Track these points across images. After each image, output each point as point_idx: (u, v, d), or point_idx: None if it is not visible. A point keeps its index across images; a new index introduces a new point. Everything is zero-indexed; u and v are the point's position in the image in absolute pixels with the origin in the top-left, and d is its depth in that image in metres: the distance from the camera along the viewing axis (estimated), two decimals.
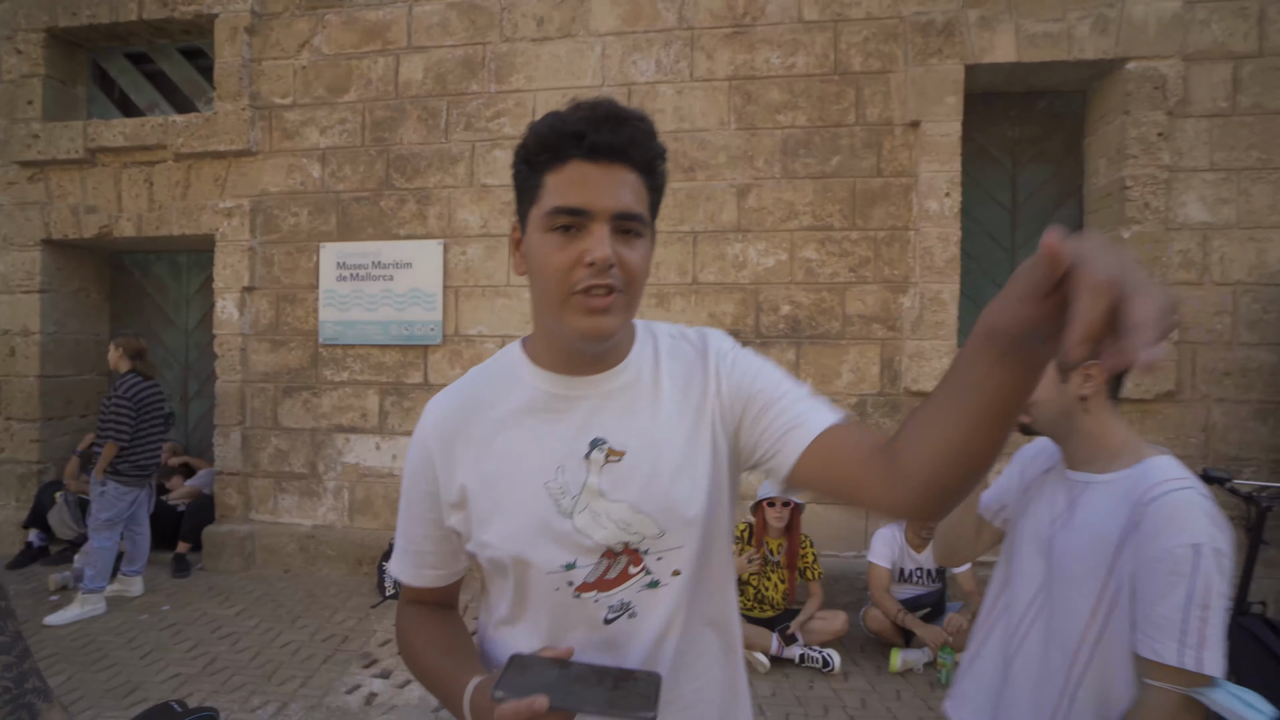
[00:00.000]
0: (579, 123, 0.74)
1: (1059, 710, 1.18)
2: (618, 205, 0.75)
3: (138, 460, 4.15)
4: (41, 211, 5.19)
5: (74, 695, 3.09)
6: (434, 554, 0.90)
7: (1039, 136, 4.46)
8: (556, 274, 0.76)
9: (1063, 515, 1.24)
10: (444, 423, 0.87)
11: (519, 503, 0.82)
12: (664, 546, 0.82)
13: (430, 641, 0.89)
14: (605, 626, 0.82)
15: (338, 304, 4.79)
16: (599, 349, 0.82)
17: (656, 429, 0.84)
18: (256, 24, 4.90)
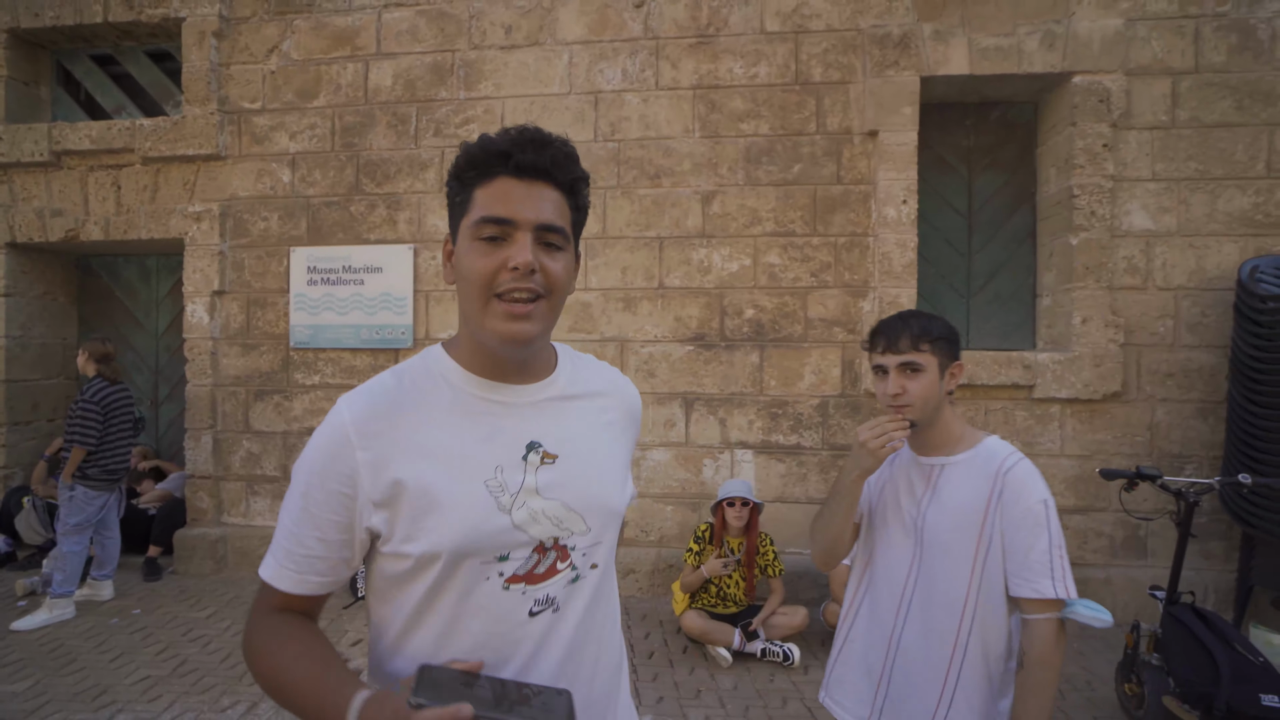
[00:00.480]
0: (506, 143, 0.84)
1: (954, 663, 1.38)
2: (539, 217, 0.83)
3: (106, 464, 4.16)
4: (5, 214, 5.15)
5: (42, 699, 3.12)
6: (324, 560, 0.86)
7: (993, 145, 4.62)
8: (482, 277, 0.83)
9: (927, 495, 1.45)
10: (368, 421, 0.85)
11: (459, 499, 0.84)
12: (588, 542, 0.92)
13: (303, 651, 0.83)
14: (529, 620, 0.86)
15: (309, 308, 4.82)
16: (520, 354, 0.89)
17: (584, 437, 0.94)
18: (225, 28, 4.90)
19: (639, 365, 4.50)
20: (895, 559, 1.48)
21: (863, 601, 1.54)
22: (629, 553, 4.46)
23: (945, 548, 1.40)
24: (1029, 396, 4.18)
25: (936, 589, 1.40)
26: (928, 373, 1.41)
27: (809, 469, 4.38)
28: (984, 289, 4.64)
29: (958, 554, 1.38)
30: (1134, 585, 4.06)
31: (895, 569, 1.48)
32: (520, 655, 0.86)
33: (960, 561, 1.38)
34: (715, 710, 3.11)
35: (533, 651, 0.87)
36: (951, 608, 1.38)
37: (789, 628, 3.65)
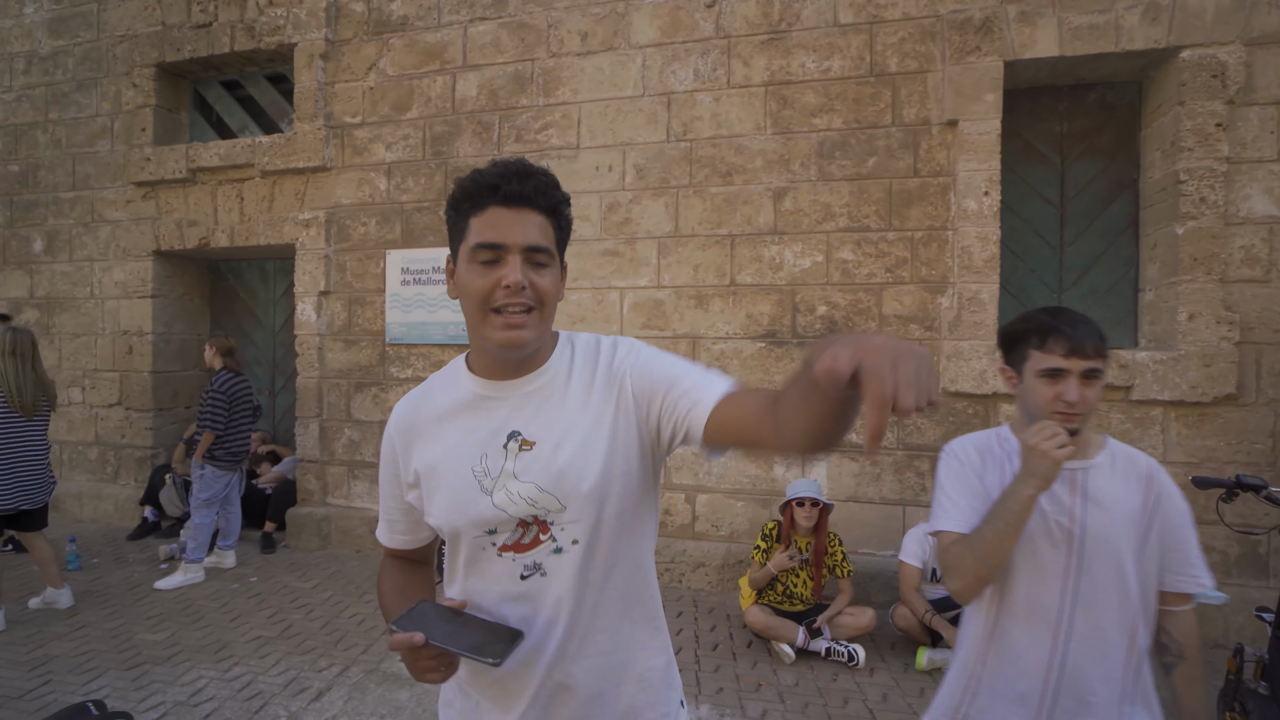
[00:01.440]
0: (495, 177, 0.97)
1: (1129, 668, 1.34)
2: (527, 240, 0.96)
3: (230, 447, 4.67)
4: (153, 226, 5.85)
5: (176, 649, 3.57)
6: (402, 523, 1.15)
7: (1089, 130, 4.32)
8: (480, 295, 0.96)
9: (1078, 502, 1.36)
10: (402, 420, 1.11)
11: (452, 483, 1.02)
12: (565, 520, 1.00)
13: (392, 586, 1.14)
14: (521, 581, 1.01)
15: (402, 306, 5.19)
16: (517, 356, 1.02)
17: (562, 421, 1.02)
18: (330, 50, 5.35)
19: (710, 362, 4.55)
20: (1044, 576, 1.35)
21: (997, 627, 1.39)
22: (699, 546, 4.53)
23: (1115, 554, 1.33)
24: (1126, 398, 3.90)
25: (1108, 599, 1.33)
26: (1103, 380, 1.34)
27: (883, 469, 4.28)
28: (1077, 283, 4.36)
29: (1127, 559, 1.33)
30: (1250, 606, 3.70)
31: (1046, 587, 1.35)
32: (522, 608, 1.02)
33: (1131, 566, 1.33)
34: (774, 705, 3.13)
35: (532, 607, 1.01)
36: (1126, 615, 1.33)
37: (855, 628, 3.61)
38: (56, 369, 6.16)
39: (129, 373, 5.94)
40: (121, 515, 5.87)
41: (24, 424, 3.89)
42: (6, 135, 6.33)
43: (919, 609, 3.52)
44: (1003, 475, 1.41)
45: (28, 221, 6.27)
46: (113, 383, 6.01)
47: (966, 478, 1.43)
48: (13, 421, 3.85)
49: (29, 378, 3.88)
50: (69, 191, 6.14)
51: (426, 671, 0.92)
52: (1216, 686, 3.05)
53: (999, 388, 4.02)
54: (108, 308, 6.03)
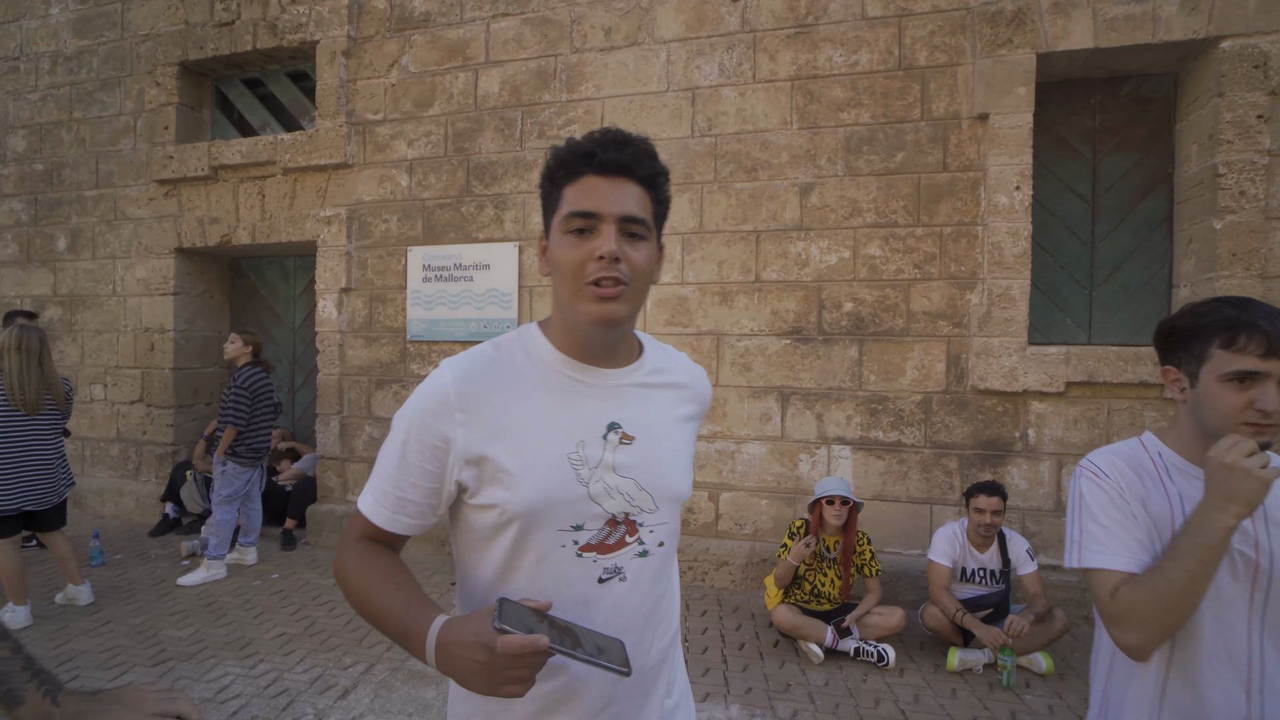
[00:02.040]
0: (591, 144, 0.91)
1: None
2: (623, 210, 0.90)
3: (252, 444, 4.67)
4: (175, 223, 5.87)
5: (200, 645, 3.56)
6: (416, 505, 0.95)
7: (1123, 123, 4.25)
8: (572, 267, 0.90)
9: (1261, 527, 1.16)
10: (468, 384, 0.94)
11: (543, 468, 0.92)
12: (655, 521, 0.98)
13: (387, 575, 0.93)
14: (598, 585, 0.94)
15: (423, 303, 5.18)
16: (609, 335, 0.96)
17: (660, 425, 1.02)
18: (352, 47, 5.35)
19: (734, 359, 4.51)
20: (1229, 617, 1.13)
21: (1171, 683, 1.16)
22: (722, 545, 4.48)
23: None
24: (1160, 396, 3.83)
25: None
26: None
27: (910, 467, 4.22)
28: (1110, 279, 4.28)
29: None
30: None
31: (1232, 631, 1.13)
32: (588, 618, 0.93)
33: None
34: (804, 705, 3.08)
35: (601, 615, 0.94)
36: None
37: (885, 628, 3.55)
38: (79, 366, 6.19)
39: (150, 369, 5.97)
40: (143, 511, 5.89)
41: (26, 422, 3.77)
42: (32, 134, 6.38)
43: (950, 608, 3.46)
44: (1168, 499, 1.17)
45: (52, 220, 6.31)
46: (134, 380, 6.03)
47: (1126, 503, 1.17)
48: (14, 420, 3.73)
49: (33, 375, 3.75)
50: (92, 190, 6.18)
51: (513, 682, 0.79)
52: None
53: (1029, 385, 3.96)
54: (130, 305, 6.06)
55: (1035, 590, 3.44)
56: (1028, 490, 4.03)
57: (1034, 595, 3.44)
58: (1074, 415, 3.97)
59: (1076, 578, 3.93)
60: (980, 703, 3.10)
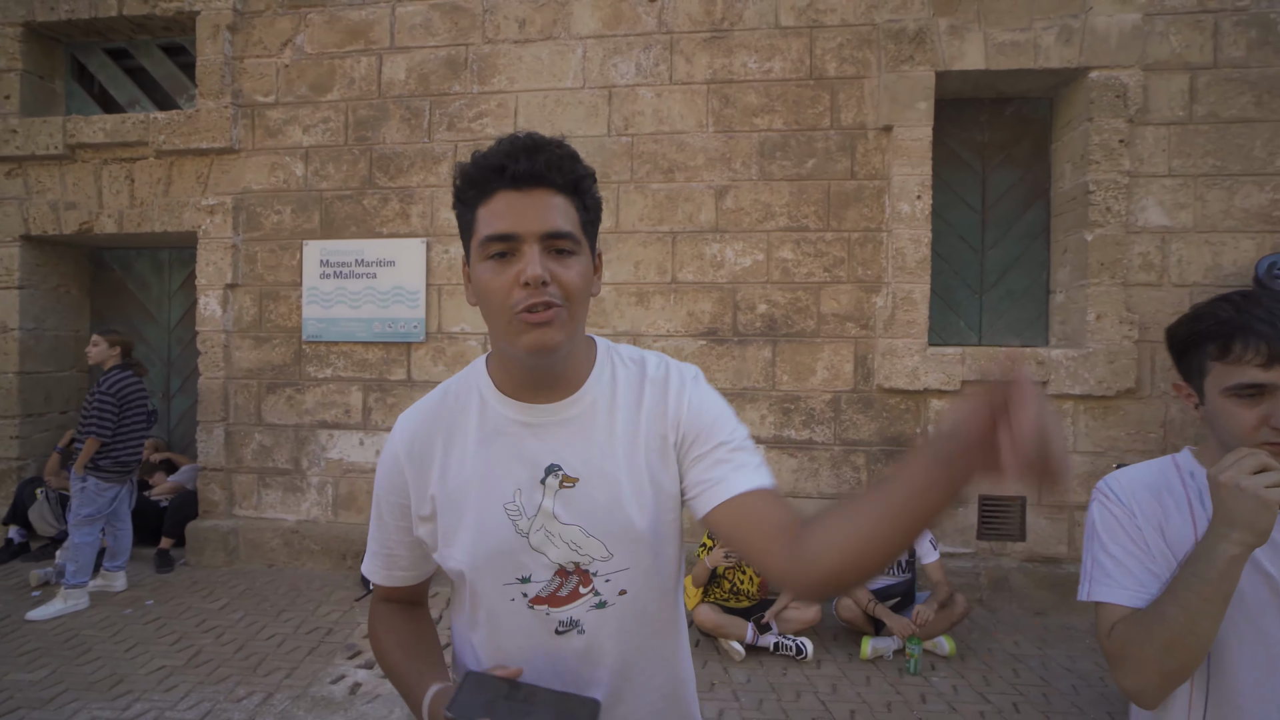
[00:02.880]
0: (499, 156, 0.80)
1: None
2: (544, 226, 0.79)
3: (119, 456, 4.17)
4: (20, 207, 5.17)
5: (59, 688, 3.13)
6: (405, 558, 0.97)
7: (1008, 141, 4.60)
8: (497, 297, 0.80)
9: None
10: (413, 440, 0.93)
11: (479, 521, 0.87)
12: (612, 569, 0.88)
13: (398, 641, 0.96)
14: (556, 637, 0.88)
15: (321, 301, 4.83)
16: (548, 363, 0.85)
17: (608, 457, 0.88)
18: (239, 21, 4.91)
19: None
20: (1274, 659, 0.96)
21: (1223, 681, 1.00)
22: None
23: None
24: (1043, 393, 4.16)
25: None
26: None
27: (821, 464, 4.37)
28: (997, 285, 4.62)
29: None
30: None
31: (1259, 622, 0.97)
32: (558, 668, 0.88)
33: None
34: (729, 703, 3.10)
35: (570, 666, 0.88)
36: None
37: (801, 622, 3.65)
38: None
39: None
40: None
41: None
42: None
43: (862, 599, 3.61)
44: (1193, 525, 1.02)
45: None
46: None
47: (1138, 529, 1.03)
48: None
49: None
50: None
51: None
52: None
53: (930, 384, 4.20)
54: None
55: (938, 578, 3.65)
56: None
57: (937, 583, 3.64)
58: None
59: (972, 564, 4.21)
60: (893, 688, 3.25)
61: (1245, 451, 0.90)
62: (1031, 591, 4.14)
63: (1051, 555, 4.21)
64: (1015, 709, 3.05)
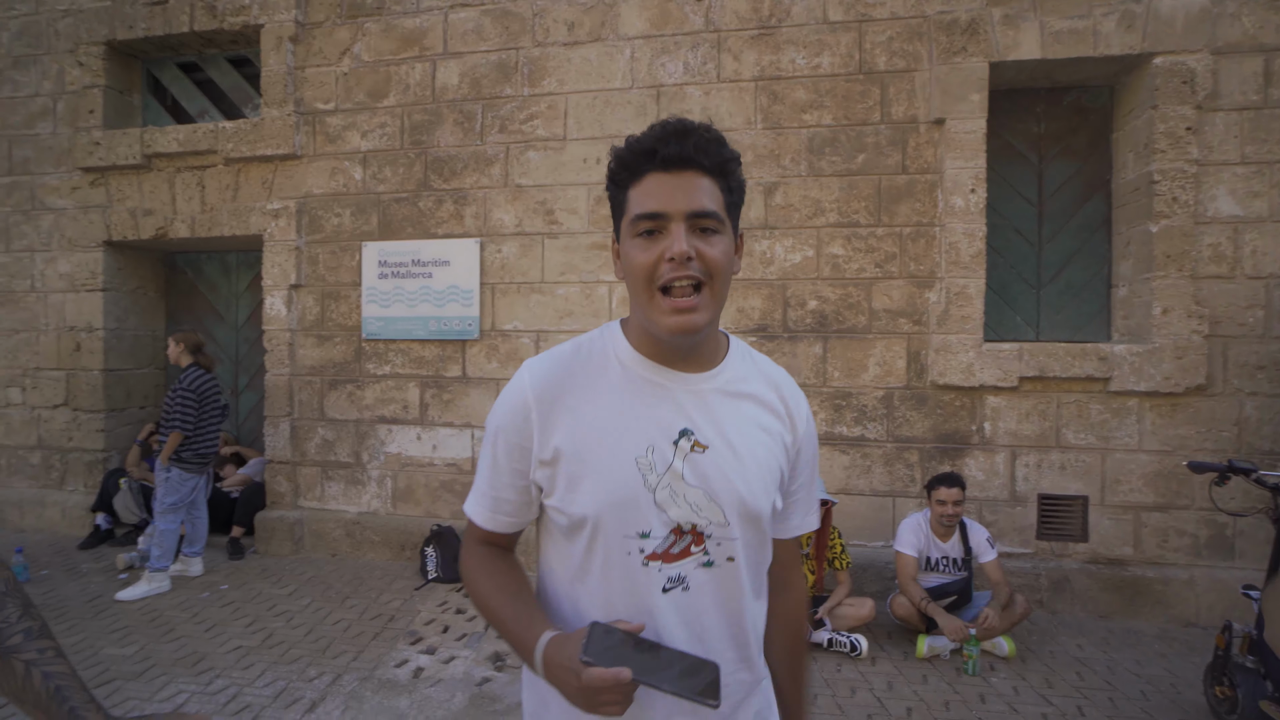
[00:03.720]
0: (651, 140, 0.87)
1: None
2: (690, 205, 0.86)
3: (199, 449, 4.41)
4: (103, 214, 5.49)
5: (148, 663, 3.35)
6: (512, 503, 0.99)
7: (1065, 132, 4.48)
8: (644, 270, 0.87)
9: None
10: (545, 385, 0.95)
11: (609, 470, 0.91)
12: (725, 535, 0.93)
13: (500, 585, 0.98)
14: (661, 595, 0.92)
15: (380, 300, 5.00)
16: (688, 343, 0.92)
17: (737, 434, 0.95)
18: (300, 33, 5.12)
19: None
20: None
21: None
22: None
23: None
24: (1104, 389, 4.06)
25: None
26: None
27: (873, 461, 4.34)
28: (1055, 279, 4.51)
29: None
30: (1219, 587, 3.91)
31: None
32: (655, 628, 0.92)
33: None
34: None
35: (664, 626, 0.92)
36: None
37: (856, 619, 3.65)
38: None
39: (76, 371, 5.56)
40: (69, 523, 5.48)
41: None
42: None
43: (917, 597, 3.58)
44: None
45: None
46: (58, 382, 5.61)
47: None
48: None
49: None
50: (5, 176, 5.71)
51: (607, 705, 0.80)
52: (1201, 663, 3.19)
53: (985, 380, 4.13)
54: (51, 301, 5.63)
55: (997, 578, 3.59)
56: (984, 481, 4.21)
57: (996, 583, 3.59)
58: (1026, 409, 4.16)
59: (1031, 564, 4.12)
60: (950, 687, 3.22)
61: None
62: (1096, 594, 4.04)
63: (1116, 557, 4.10)
64: (1080, 712, 2.99)
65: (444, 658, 3.43)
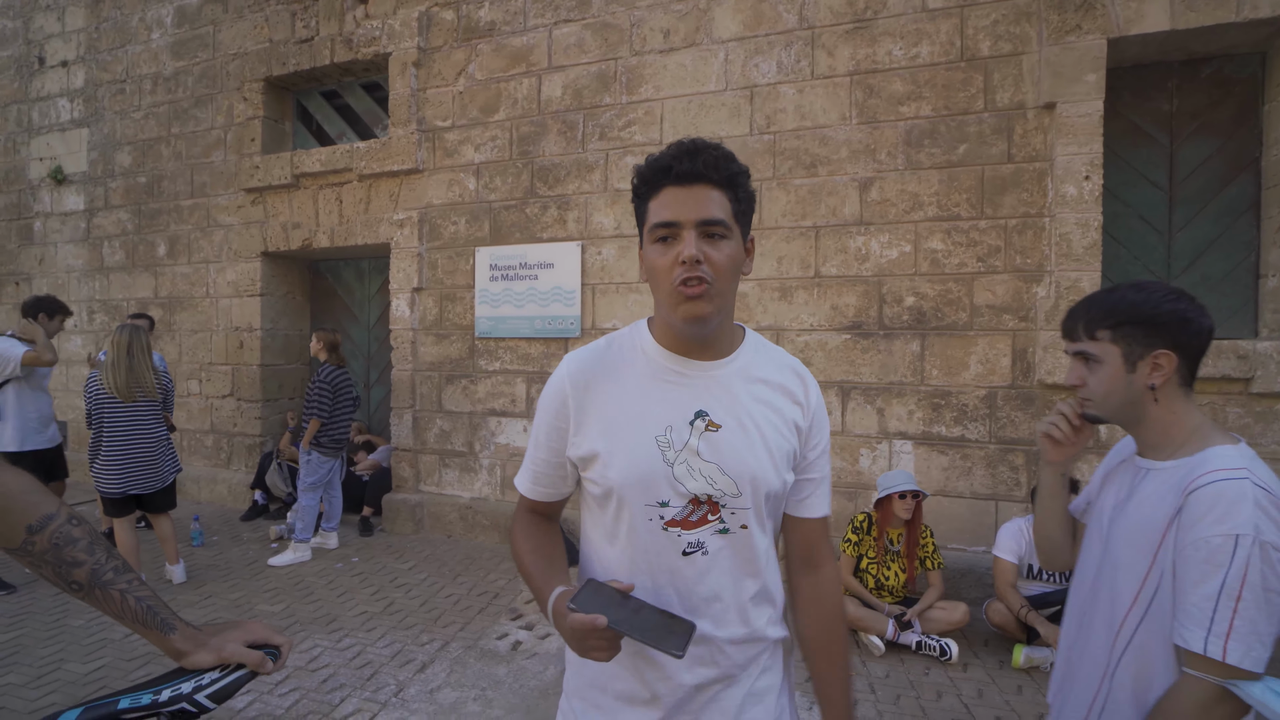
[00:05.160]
0: (667, 159, 1.00)
1: (1100, 690, 1.24)
2: (700, 214, 0.98)
3: (334, 434, 4.98)
4: (260, 229, 6.28)
5: (291, 620, 3.85)
6: (549, 477, 1.16)
7: (1203, 108, 4.08)
8: (661, 273, 1.01)
9: (1121, 501, 1.27)
10: (580, 373, 1.11)
11: (633, 448, 1.05)
12: (738, 505, 1.05)
13: (534, 547, 1.16)
14: (683, 558, 1.05)
15: (491, 302, 5.40)
16: (700, 331, 1.03)
17: (748, 415, 1.07)
18: (422, 58, 5.61)
19: (794, 354, 4.51)
20: (1086, 565, 1.33)
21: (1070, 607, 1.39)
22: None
23: (1119, 563, 1.22)
24: (1245, 391, 3.67)
25: (1102, 605, 1.25)
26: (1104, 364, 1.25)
27: (974, 463, 4.17)
28: (1188, 270, 4.12)
29: (1128, 572, 1.20)
30: None
31: (1084, 576, 1.34)
32: (677, 583, 1.06)
33: (1129, 581, 1.19)
34: (864, 695, 3.11)
35: (686, 583, 1.05)
36: (1108, 629, 1.23)
37: (947, 623, 3.54)
38: (177, 363, 6.69)
39: (240, 366, 6.40)
40: (234, 498, 6.33)
41: (125, 410, 4.09)
42: (135, 150, 6.93)
43: (1014, 604, 3.42)
44: None
45: (153, 228, 6.84)
46: (226, 375, 6.48)
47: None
48: (115, 408, 4.09)
49: (122, 366, 4.07)
50: (188, 199, 6.67)
51: (594, 650, 0.93)
52: None
53: None
54: (221, 306, 6.51)
55: None
56: None
57: None
58: None
59: None
60: (1046, 700, 3.06)
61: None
62: None
63: None
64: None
65: (541, 634, 3.69)
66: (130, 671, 3.27)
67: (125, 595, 0.94)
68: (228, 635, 0.97)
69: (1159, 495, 1.17)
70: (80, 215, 7.26)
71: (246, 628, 1.00)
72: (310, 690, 3.10)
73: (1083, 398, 1.28)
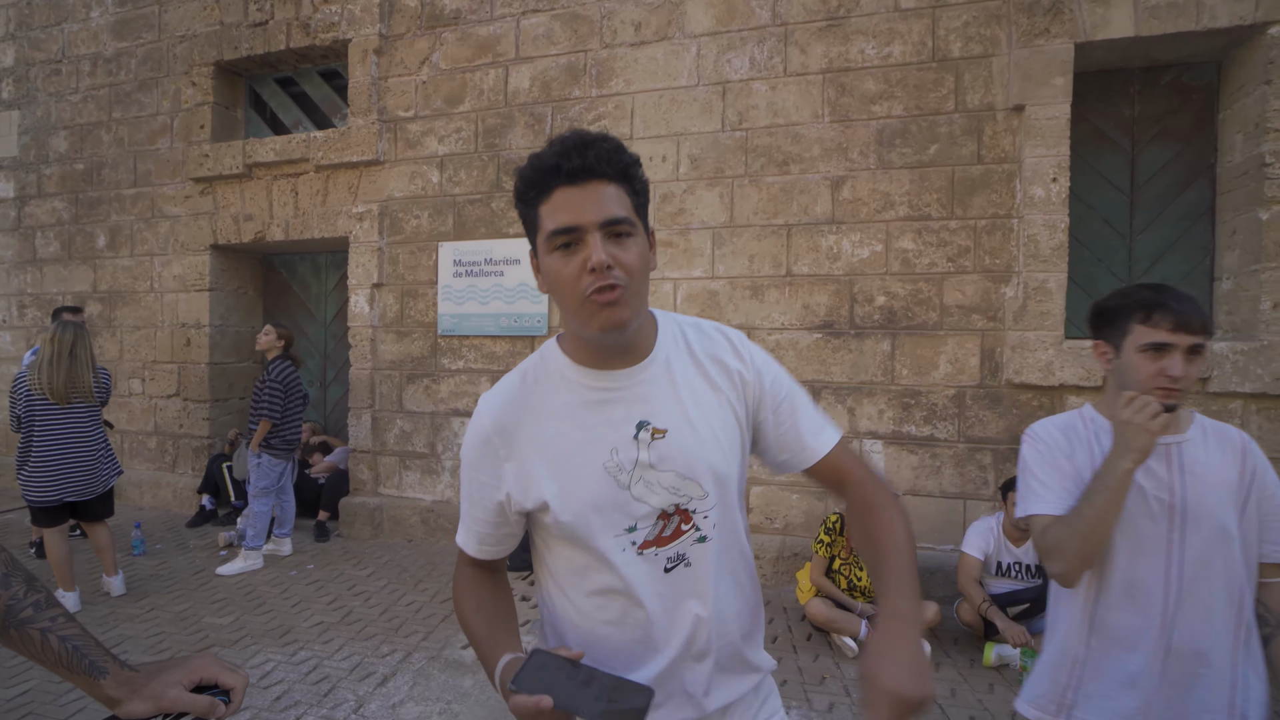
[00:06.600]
0: (553, 156, 0.88)
1: (1238, 638, 1.33)
2: (602, 215, 0.88)
3: (285, 435, 4.75)
4: (210, 220, 5.98)
5: (242, 633, 3.64)
6: (491, 535, 1.05)
7: (1163, 113, 4.18)
8: (567, 284, 0.89)
9: (1176, 475, 1.36)
10: (501, 418, 1.00)
11: (583, 482, 0.96)
12: (708, 506, 0.98)
13: (478, 607, 1.04)
14: (666, 575, 0.97)
15: (454, 298, 5.23)
16: (620, 339, 0.94)
17: (688, 407, 0.99)
18: (383, 45, 5.41)
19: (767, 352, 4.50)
20: (1145, 552, 1.35)
21: (1098, 610, 1.39)
22: (753, 539, 4.47)
23: (1217, 525, 1.32)
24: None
25: (1213, 570, 1.32)
26: (1203, 358, 1.36)
27: (943, 462, 4.19)
28: (1148, 272, 4.21)
29: (1231, 530, 1.33)
30: None
31: (1148, 563, 1.34)
32: (666, 602, 0.97)
33: (1234, 538, 1.33)
34: (840, 697, 3.07)
35: (678, 598, 0.98)
36: (1233, 587, 1.32)
37: None
38: (118, 360, 6.33)
39: (186, 364, 6.09)
40: (180, 503, 6.01)
41: (60, 413, 3.83)
42: (73, 135, 6.53)
43: (976, 599, 3.43)
44: (1091, 455, 1.42)
45: (92, 218, 6.46)
46: (171, 374, 6.16)
47: (1054, 459, 1.43)
48: (49, 411, 3.81)
49: (61, 366, 3.80)
50: (130, 188, 6.31)
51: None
52: None
53: (1066, 379, 3.91)
54: (167, 301, 6.18)
55: None
56: None
57: None
58: None
59: None
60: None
61: (1135, 396, 1.32)
62: None
63: None
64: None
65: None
66: (60, 696, 3.03)
67: (47, 635, 0.81)
68: (168, 677, 0.83)
69: (1219, 459, 1.37)
70: (10, 203, 6.82)
71: (191, 666, 0.86)
72: (262, 709, 2.91)
73: (1178, 389, 1.33)
